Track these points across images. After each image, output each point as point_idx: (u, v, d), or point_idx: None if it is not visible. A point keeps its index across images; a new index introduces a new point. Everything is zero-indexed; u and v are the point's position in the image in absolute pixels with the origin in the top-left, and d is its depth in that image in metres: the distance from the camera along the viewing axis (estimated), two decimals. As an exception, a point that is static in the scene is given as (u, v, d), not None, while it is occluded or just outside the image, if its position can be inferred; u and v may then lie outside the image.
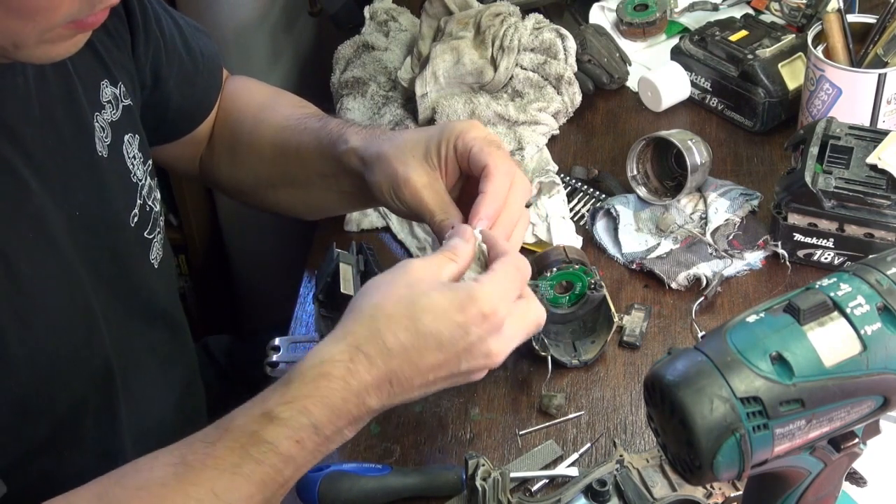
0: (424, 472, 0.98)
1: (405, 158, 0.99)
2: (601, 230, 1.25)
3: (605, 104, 1.47)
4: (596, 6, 1.58)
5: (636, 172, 1.26)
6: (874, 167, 1.13)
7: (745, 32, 1.41)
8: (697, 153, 1.22)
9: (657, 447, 0.86)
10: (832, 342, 0.67)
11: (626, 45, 1.54)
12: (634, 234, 1.23)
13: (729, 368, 0.66)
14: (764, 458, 0.68)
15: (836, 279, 0.70)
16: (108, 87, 0.98)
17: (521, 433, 1.03)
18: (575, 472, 0.98)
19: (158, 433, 1.00)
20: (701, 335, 1.09)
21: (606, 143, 1.40)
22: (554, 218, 1.23)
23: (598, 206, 1.27)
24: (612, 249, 1.23)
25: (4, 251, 0.83)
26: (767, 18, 1.49)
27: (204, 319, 1.96)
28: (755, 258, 1.20)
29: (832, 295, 0.69)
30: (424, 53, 1.41)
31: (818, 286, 0.70)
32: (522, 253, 0.91)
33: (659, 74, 1.43)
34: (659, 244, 1.21)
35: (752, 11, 1.53)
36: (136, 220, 1.00)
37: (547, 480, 0.99)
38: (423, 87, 1.37)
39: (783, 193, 1.17)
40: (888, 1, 1.26)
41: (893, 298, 0.68)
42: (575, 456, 1.00)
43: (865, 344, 0.67)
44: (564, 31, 1.43)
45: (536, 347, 1.06)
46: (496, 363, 0.85)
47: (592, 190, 1.31)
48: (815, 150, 1.16)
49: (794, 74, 1.36)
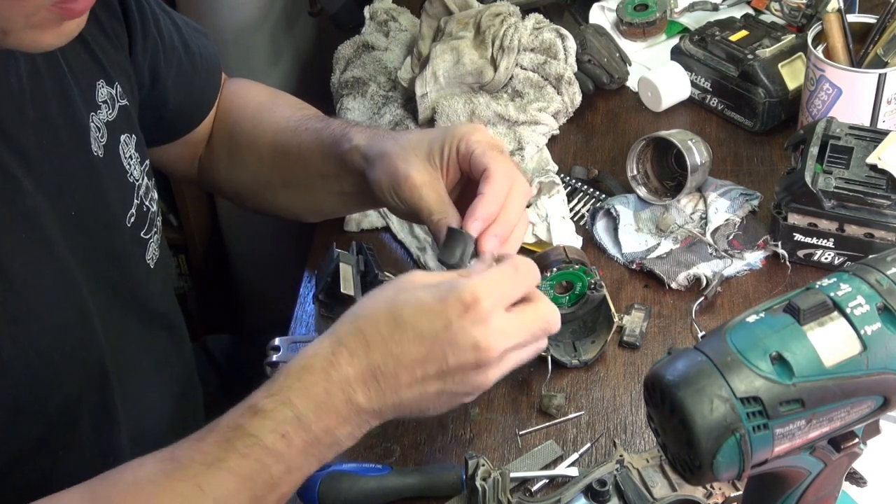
0: (424, 472, 0.98)
1: (407, 156, 0.99)
2: (601, 230, 1.25)
3: (605, 104, 1.47)
4: (596, 6, 1.58)
5: (636, 172, 1.26)
6: (874, 167, 1.13)
7: (745, 32, 1.41)
8: (697, 153, 1.22)
9: (657, 447, 0.86)
10: (832, 342, 0.67)
11: (626, 45, 1.54)
12: (634, 234, 1.23)
13: (729, 368, 0.66)
14: (764, 458, 0.68)
15: (836, 279, 0.70)
16: (103, 87, 0.98)
17: (521, 433, 1.03)
18: (575, 472, 0.98)
19: (156, 434, 1.00)
20: (701, 335, 1.09)
21: (606, 143, 1.40)
22: (554, 218, 1.23)
23: (598, 206, 1.27)
24: (612, 249, 1.23)
25: None
26: (767, 18, 1.49)
27: (204, 319, 1.96)
28: (755, 258, 1.19)
29: (832, 295, 0.68)
30: (424, 53, 1.41)
31: (818, 286, 0.70)
32: (522, 253, 0.91)
33: (659, 74, 1.43)
34: (659, 244, 1.21)
35: (752, 11, 1.53)
36: (132, 220, 1.00)
37: (547, 480, 0.99)
38: (423, 87, 1.37)
39: (783, 193, 1.17)
40: (888, 1, 1.26)
41: (893, 298, 0.68)
42: (575, 456, 1.00)
43: (865, 344, 0.67)
44: (564, 31, 1.43)
45: (536, 347, 1.06)
46: (489, 359, 0.81)
47: (592, 190, 1.31)
48: (815, 150, 1.16)
49: (794, 74, 1.36)
